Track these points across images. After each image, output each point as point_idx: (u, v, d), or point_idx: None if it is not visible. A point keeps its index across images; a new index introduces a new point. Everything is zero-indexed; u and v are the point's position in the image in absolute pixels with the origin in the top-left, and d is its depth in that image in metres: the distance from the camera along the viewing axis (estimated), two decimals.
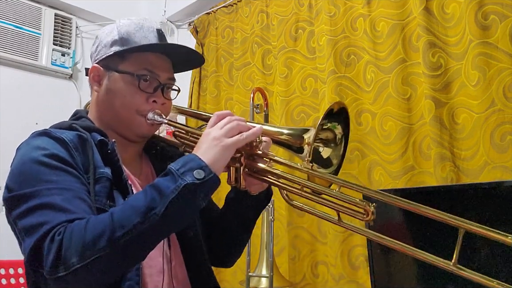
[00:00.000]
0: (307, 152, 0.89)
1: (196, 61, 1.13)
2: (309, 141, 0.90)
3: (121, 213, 0.78)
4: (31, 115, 2.61)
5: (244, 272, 1.80)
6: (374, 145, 1.84)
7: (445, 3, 1.71)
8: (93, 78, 1.03)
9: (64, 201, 0.81)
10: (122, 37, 1.00)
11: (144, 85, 0.99)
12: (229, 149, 0.86)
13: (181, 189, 0.78)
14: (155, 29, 1.04)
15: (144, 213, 0.77)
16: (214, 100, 2.58)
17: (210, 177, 0.81)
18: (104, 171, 0.91)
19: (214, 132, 0.87)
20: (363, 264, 1.76)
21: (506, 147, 1.49)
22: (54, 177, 0.84)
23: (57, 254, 0.75)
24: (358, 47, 1.96)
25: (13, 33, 2.60)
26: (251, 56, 2.41)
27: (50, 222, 0.78)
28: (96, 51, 1.04)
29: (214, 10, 2.68)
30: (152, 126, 1.01)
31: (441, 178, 1.59)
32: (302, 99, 2.13)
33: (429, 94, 1.65)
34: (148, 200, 0.78)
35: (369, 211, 0.80)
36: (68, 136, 0.92)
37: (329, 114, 0.93)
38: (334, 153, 0.96)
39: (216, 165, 0.83)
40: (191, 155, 0.85)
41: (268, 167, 0.93)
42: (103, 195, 0.89)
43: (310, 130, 0.92)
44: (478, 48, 1.57)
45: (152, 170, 1.10)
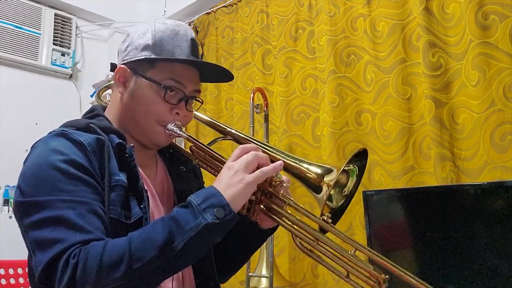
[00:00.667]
0: (324, 193, 0.88)
1: (225, 77, 1.09)
2: (330, 183, 0.88)
3: (139, 243, 0.77)
4: (31, 115, 2.62)
5: (244, 272, 1.80)
6: (374, 145, 1.83)
7: (445, 3, 1.71)
8: (118, 78, 1.00)
9: (78, 216, 0.80)
10: (155, 43, 0.97)
11: (169, 96, 0.97)
12: (250, 186, 0.84)
13: (201, 228, 0.78)
14: (189, 38, 1.00)
15: (162, 247, 0.76)
16: (215, 100, 2.58)
17: (230, 216, 0.80)
18: (120, 178, 0.89)
19: (236, 167, 0.85)
20: None
21: (506, 147, 1.49)
22: (70, 186, 0.82)
23: (71, 279, 0.74)
24: (358, 47, 1.96)
25: (13, 33, 2.60)
26: (251, 56, 2.41)
27: (64, 240, 0.77)
28: (125, 50, 1.01)
29: (214, 10, 2.68)
30: (170, 137, 1.00)
31: (441, 178, 1.59)
32: (302, 99, 2.13)
33: (429, 94, 1.65)
34: (166, 233, 0.77)
35: (381, 280, 0.78)
36: (87, 139, 0.89)
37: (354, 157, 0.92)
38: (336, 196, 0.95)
39: (236, 203, 0.82)
40: (212, 189, 0.83)
41: (283, 211, 0.91)
42: (117, 204, 0.87)
43: (333, 172, 0.90)
44: (478, 48, 1.57)
45: (167, 173, 1.09)
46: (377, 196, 1.52)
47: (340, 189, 0.95)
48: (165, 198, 1.04)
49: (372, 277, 0.79)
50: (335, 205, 0.95)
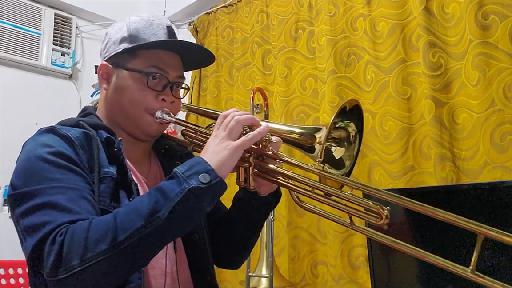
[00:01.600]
0: (318, 151, 0.87)
1: (206, 59, 1.10)
2: (320, 140, 0.88)
3: (124, 216, 0.77)
4: (31, 115, 2.62)
5: (244, 272, 1.80)
6: (374, 145, 1.83)
7: (445, 3, 1.71)
8: (101, 75, 1.02)
9: (67, 200, 0.81)
10: (131, 34, 0.99)
11: (152, 83, 0.98)
12: (236, 151, 0.84)
13: (186, 192, 0.77)
14: (165, 26, 1.02)
15: (148, 216, 0.76)
16: (214, 100, 2.58)
17: (216, 181, 0.80)
18: (109, 170, 0.90)
19: (220, 134, 0.86)
20: (363, 264, 1.76)
21: (506, 147, 1.49)
22: (59, 175, 0.84)
23: (58, 256, 0.74)
24: (358, 47, 1.96)
25: (13, 33, 2.60)
26: (251, 56, 2.41)
27: (52, 222, 0.77)
28: (105, 48, 1.03)
29: (214, 10, 2.68)
30: (160, 125, 1.00)
31: (441, 178, 1.59)
32: (302, 99, 2.13)
33: (429, 94, 1.65)
34: (152, 203, 0.77)
35: (383, 214, 0.77)
36: (74, 133, 0.91)
37: (342, 112, 0.91)
38: (347, 153, 0.94)
39: (223, 168, 0.82)
40: (197, 158, 0.84)
41: (278, 168, 0.91)
42: (107, 195, 0.88)
43: (322, 129, 0.90)
44: (478, 48, 1.57)
45: (161, 169, 1.09)
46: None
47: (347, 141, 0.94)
48: None
49: (373, 213, 0.78)
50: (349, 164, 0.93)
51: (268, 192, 1.00)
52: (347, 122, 0.94)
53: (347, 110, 0.93)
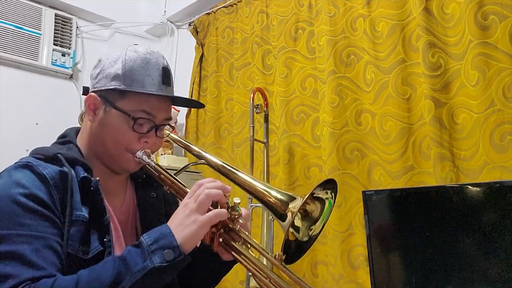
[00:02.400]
0: (288, 221, 0.88)
1: (196, 105, 1.14)
2: (293, 210, 0.89)
3: (86, 284, 0.78)
4: (31, 115, 2.62)
5: (244, 272, 1.80)
6: (374, 145, 1.84)
7: (444, 3, 1.71)
8: (88, 106, 1.01)
9: (33, 252, 0.81)
10: (125, 74, 0.97)
11: (138, 126, 0.98)
12: (203, 227, 0.85)
13: (148, 270, 0.79)
14: (160, 67, 1.00)
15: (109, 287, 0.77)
16: (214, 100, 2.59)
17: (180, 258, 0.81)
18: (81, 213, 0.90)
19: (190, 205, 0.87)
20: (363, 264, 1.76)
21: (506, 147, 1.49)
22: (28, 220, 0.84)
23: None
24: (358, 47, 1.96)
25: (13, 33, 2.60)
26: (251, 56, 2.42)
27: (16, 277, 0.78)
28: (96, 77, 1.01)
29: (214, 10, 2.68)
30: (139, 164, 1.01)
31: (440, 178, 1.59)
32: (302, 99, 2.13)
33: (428, 94, 1.66)
34: (115, 274, 0.79)
35: None
36: (50, 172, 0.90)
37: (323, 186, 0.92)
38: (304, 229, 0.94)
39: (188, 244, 0.84)
40: (166, 228, 0.85)
41: (240, 247, 0.91)
42: (76, 239, 0.88)
43: (297, 199, 0.90)
44: (477, 48, 1.57)
45: (135, 200, 1.09)
46: (377, 196, 1.52)
47: (309, 223, 0.94)
48: (129, 227, 1.05)
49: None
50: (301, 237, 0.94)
51: (229, 259, 0.99)
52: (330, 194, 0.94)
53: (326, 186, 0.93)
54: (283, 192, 0.94)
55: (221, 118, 2.55)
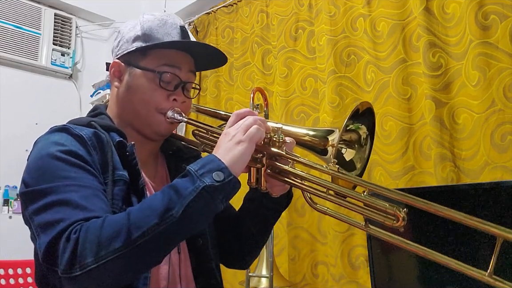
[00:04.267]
0: (331, 154, 0.86)
1: (219, 60, 1.09)
2: (333, 143, 0.87)
3: (138, 213, 0.77)
4: (31, 115, 2.62)
5: (244, 272, 1.80)
6: (374, 145, 1.80)
7: (445, 3, 1.71)
8: (113, 73, 1.01)
9: (81, 198, 0.80)
10: (145, 33, 0.99)
11: (164, 82, 0.98)
12: (248, 146, 0.83)
13: (199, 191, 0.77)
14: (178, 25, 1.01)
15: (162, 214, 0.75)
16: (214, 100, 2.58)
17: (230, 179, 0.79)
18: (123, 173, 0.90)
19: (232, 131, 0.85)
20: (363, 264, 1.76)
21: (506, 147, 1.49)
22: (72, 173, 0.84)
23: (73, 253, 0.74)
24: (358, 47, 1.96)
25: (13, 33, 2.60)
26: (251, 56, 2.41)
27: (66, 219, 0.77)
28: (117, 46, 1.02)
29: (214, 10, 2.68)
30: (171, 125, 1.00)
31: (441, 178, 1.58)
32: (302, 99, 2.13)
33: (429, 94, 1.65)
34: (166, 201, 0.76)
35: (400, 216, 0.74)
36: (87, 133, 0.91)
37: (354, 114, 0.90)
38: (358, 156, 0.92)
39: (236, 166, 0.81)
40: (210, 155, 0.83)
41: (291, 169, 0.89)
42: (119, 198, 0.87)
43: (334, 131, 0.89)
44: (478, 48, 1.57)
45: (167, 172, 1.09)
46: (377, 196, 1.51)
47: (358, 143, 0.92)
48: None
49: (390, 214, 0.75)
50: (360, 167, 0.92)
51: (280, 193, 0.99)
52: (358, 125, 0.92)
53: (359, 112, 0.91)
54: (319, 129, 0.93)
55: None
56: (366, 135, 0.93)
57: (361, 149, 0.93)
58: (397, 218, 0.75)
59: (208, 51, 1.05)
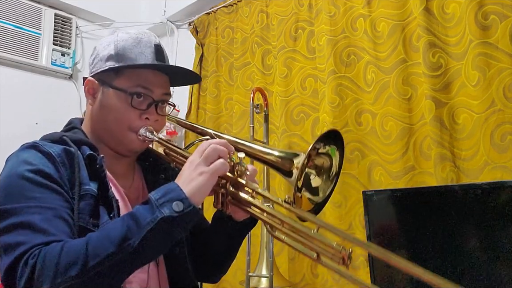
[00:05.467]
0: (295, 176, 0.87)
1: (192, 78, 1.12)
2: (298, 165, 0.88)
3: (96, 242, 0.78)
4: (31, 115, 2.62)
5: (244, 272, 1.80)
6: (374, 145, 1.83)
7: (445, 3, 1.71)
8: (87, 91, 1.03)
9: (43, 221, 0.81)
10: (118, 53, 0.99)
11: (136, 102, 0.98)
12: (210, 178, 0.84)
13: (157, 221, 0.77)
14: (152, 44, 1.02)
15: (119, 243, 0.76)
16: (214, 100, 2.58)
17: (189, 209, 0.80)
18: (89, 188, 0.91)
19: (196, 161, 0.86)
20: (363, 264, 1.76)
21: (506, 147, 1.49)
22: (37, 194, 0.85)
23: (30, 279, 0.75)
24: (358, 47, 1.96)
25: (13, 33, 2.60)
26: (251, 56, 2.41)
27: (27, 243, 0.78)
28: (92, 63, 1.04)
29: (214, 10, 2.68)
30: (143, 142, 1.01)
31: (441, 178, 1.59)
32: (302, 99, 2.13)
33: (429, 94, 1.65)
34: (124, 230, 0.78)
35: (345, 256, 0.75)
36: (56, 150, 0.92)
37: (324, 139, 0.90)
38: (323, 185, 0.93)
39: (197, 196, 0.82)
40: (172, 184, 0.84)
41: (251, 199, 0.90)
42: (86, 212, 0.88)
43: (300, 155, 0.90)
44: (478, 48, 1.57)
45: (143, 182, 1.09)
46: (377, 196, 1.52)
47: (327, 173, 0.93)
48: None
49: (336, 253, 0.76)
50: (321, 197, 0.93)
51: (243, 218, 1.00)
52: (333, 149, 0.92)
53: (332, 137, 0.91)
54: (286, 151, 0.95)
55: (220, 118, 2.55)
56: (336, 169, 0.93)
57: (327, 180, 0.93)
58: (342, 258, 0.75)
59: (180, 72, 1.06)
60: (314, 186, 0.93)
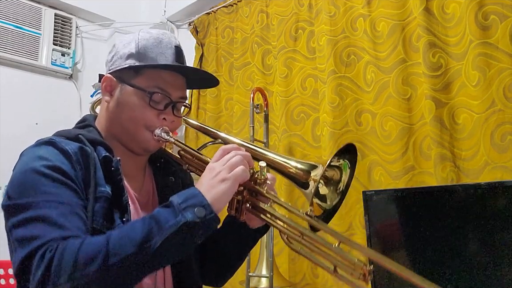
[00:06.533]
0: (311, 188, 0.87)
1: (210, 82, 1.11)
2: (315, 178, 0.88)
3: (117, 240, 0.77)
4: (31, 115, 2.62)
5: (244, 272, 1.80)
6: (374, 145, 1.83)
7: (445, 3, 1.71)
8: (105, 88, 1.02)
9: (59, 215, 0.81)
10: (139, 52, 0.99)
11: (154, 102, 0.98)
12: (232, 185, 0.84)
13: (180, 225, 0.77)
14: (173, 45, 1.02)
15: (140, 244, 0.76)
16: (214, 100, 2.58)
17: (211, 216, 0.80)
18: (105, 189, 0.91)
19: (218, 168, 0.86)
20: None
21: (506, 147, 1.49)
22: (53, 189, 0.84)
23: (46, 271, 0.74)
24: (358, 47, 1.96)
25: (13, 33, 2.60)
26: (251, 56, 2.41)
27: (43, 236, 0.78)
28: (111, 60, 1.03)
29: (214, 10, 2.68)
30: (158, 142, 1.01)
31: (441, 178, 1.59)
32: (302, 99, 2.13)
33: (429, 94, 1.65)
34: (145, 231, 0.77)
35: (366, 272, 0.76)
36: (73, 148, 0.91)
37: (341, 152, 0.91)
38: (330, 195, 0.94)
39: (218, 204, 0.82)
40: (194, 190, 0.84)
41: (269, 208, 0.91)
42: (100, 215, 0.88)
43: (318, 167, 0.89)
44: (478, 48, 1.57)
45: (154, 184, 1.09)
46: (377, 196, 1.52)
47: (334, 186, 0.94)
48: (150, 209, 1.04)
49: (356, 269, 0.77)
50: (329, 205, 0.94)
51: (257, 226, 1.01)
52: (346, 164, 0.93)
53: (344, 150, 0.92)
54: (304, 162, 0.94)
55: (221, 118, 2.55)
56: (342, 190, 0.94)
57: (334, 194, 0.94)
58: (363, 273, 0.77)
59: (200, 74, 1.07)
60: (322, 193, 0.93)
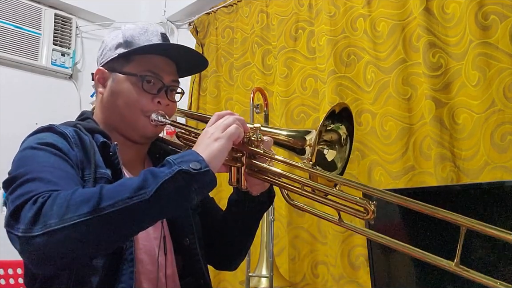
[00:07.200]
0: (309, 153, 0.89)
1: (200, 64, 1.13)
2: (310, 143, 0.90)
3: (111, 187, 0.78)
4: (31, 115, 2.61)
5: (244, 272, 1.80)
6: (374, 145, 1.83)
7: (445, 3, 1.71)
8: (98, 80, 1.04)
9: (55, 177, 0.82)
10: (127, 40, 1.02)
11: (148, 86, 1.00)
12: (226, 144, 0.85)
13: (175, 173, 0.77)
14: (159, 32, 1.06)
15: (135, 190, 0.75)
16: (214, 100, 2.58)
17: (205, 170, 0.80)
18: (105, 171, 0.92)
19: (211, 130, 0.88)
20: (363, 264, 1.76)
21: (506, 147, 1.49)
22: (51, 159, 0.86)
23: (37, 213, 0.74)
24: (358, 47, 1.96)
25: (13, 33, 2.60)
26: (251, 56, 2.41)
27: (35, 190, 0.78)
28: (101, 55, 1.06)
29: (214, 10, 2.68)
30: (156, 127, 1.01)
31: (441, 178, 1.59)
32: (302, 99, 2.13)
33: (429, 94, 1.65)
34: (140, 181, 0.77)
35: (370, 209, 0.78)
36: (71, 131, 0.94)
37: (332, 115, 0.93)
38: (338, 156, 0.95)
39: (214, 161, 0.83)
40: (190, 150, 0.85)
41: (269, 166, 0.92)
42: None
43: (311, 132, 0.92)
44: (478, 48, 1.57)
45: None
46: None
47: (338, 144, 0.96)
48: None
49: (360, 207, 0.79)
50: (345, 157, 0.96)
51: (260, 192, 1.01)
52: (338, 125, 0.96)
53: (336, 113, 0.95)
54: (297, 130, 0.96)
55: None
56: (346, 136, 0.97)
57: (341, 149, 0.96)
58: (367, 211, 0.79)
59: (188, 55, 1.07)
60: (330, 160, 0.95)
